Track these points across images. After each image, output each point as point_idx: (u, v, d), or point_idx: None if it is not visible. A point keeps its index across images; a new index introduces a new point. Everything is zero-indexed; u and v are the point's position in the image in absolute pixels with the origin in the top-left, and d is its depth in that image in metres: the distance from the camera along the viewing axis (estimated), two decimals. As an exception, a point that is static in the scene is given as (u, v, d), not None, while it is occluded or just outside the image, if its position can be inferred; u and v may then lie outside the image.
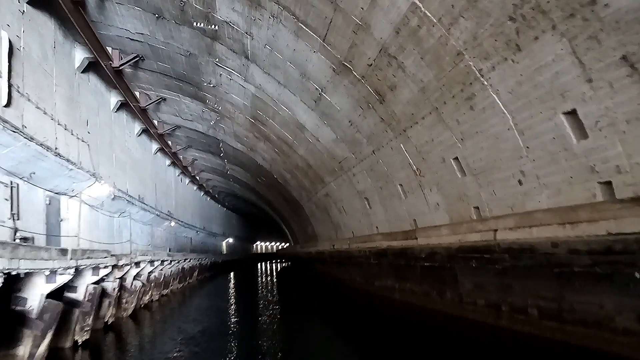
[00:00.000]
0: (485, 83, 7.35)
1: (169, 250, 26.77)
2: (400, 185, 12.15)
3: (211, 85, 17.29)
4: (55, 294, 7.87)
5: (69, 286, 9.07)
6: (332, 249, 18.31)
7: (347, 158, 14.70)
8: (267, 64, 13.34)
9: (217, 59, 14.85)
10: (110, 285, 11.40)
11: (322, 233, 25.02)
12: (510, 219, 6.61)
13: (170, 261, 20.04)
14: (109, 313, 11.56)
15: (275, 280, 32.03)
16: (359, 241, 14.64)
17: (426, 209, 11.08)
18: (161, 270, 18.84)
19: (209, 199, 43.69)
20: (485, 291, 8.86)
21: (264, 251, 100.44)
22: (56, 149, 13.35)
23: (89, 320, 9.37)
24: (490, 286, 8.70)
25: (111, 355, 9.17)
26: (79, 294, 9.17)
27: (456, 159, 9.10)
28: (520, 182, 7.52)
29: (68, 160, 12.67)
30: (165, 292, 20.71)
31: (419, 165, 10.67)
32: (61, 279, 6.97)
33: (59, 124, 13.84)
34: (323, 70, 11.48)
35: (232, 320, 12.95)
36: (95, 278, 9.42)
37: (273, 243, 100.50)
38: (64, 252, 7.03)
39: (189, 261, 26.84)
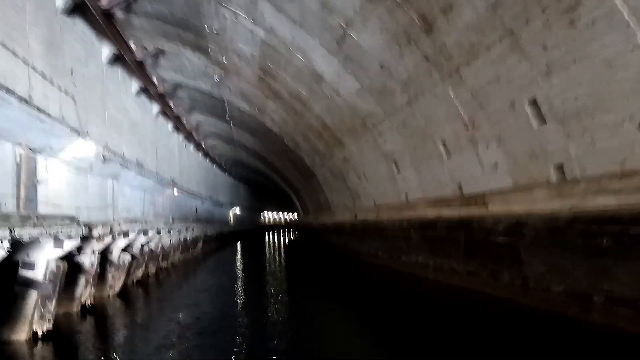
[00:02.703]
0: (603, -20, 5.07)
1: (172, 220, 25.00)
2: (443, 142, 9.94)
3: (214, 32, 14.94)
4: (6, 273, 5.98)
5: (24, 263, 7.15)
6: (353, 220, 16.16)
7: (373, 113, 12.45)
8: (280, -4, 11.00)
9: (220, -5, 12.51)
10: (88, 259, 9.40)
11: (337, 203, 22.99)
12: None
13: (169, 231, 18.06)
14: (86, 293, 9.58)
15: (284, 252, 30.20)
16: (389, 209, 12.51)
17: (478, 170, 8.92)
18: (158, 241, 16.91)
19: (215, 167, 41.87)
20: (567, 275, 6.78)
21: (271, 222, 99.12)
22: (30, 97, 11.33)
23: (51, 306, 7.39)
24: (575, 269, 6.61)
25: (75, 352, 7.18)
26: (38, 272, 7.18)
27: (533, 101, 6.86)
28: (641, 127, 5.32)
29: (39, 110, 10.56)
30: (164, 265, 18.87)
31: (472, 115, 8.45)
32: (-9, 255, 5.02)
33: (34, 70, 11.74)
34: (351, -4, 9.14)
35: (237, 302, 10.90)
36: (59, 252, 7.40)
37: (281, 213, 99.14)
38: (-15, 217, 5.03)
39: (192, 231, 24.96)
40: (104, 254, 11.40)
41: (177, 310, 10.23)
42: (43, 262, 7.22)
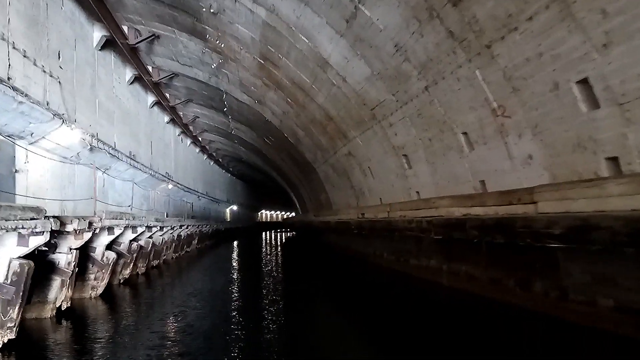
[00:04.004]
0: None
1: (166, 216, 23.93)
2: (465, 133, 8.90)
3: (212, 12, 13.85)
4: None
5: (-20, 263, 6.09)
6: (360, 218, 15.03)
7: (384, 102, 11.39)
8: (284, -32, 9.95)
9: (218, -31, 11.44)
10: (64, 258, 8.28)
11: (339, 201, 21.93)
12: None
13: (161, 227, 16.95)
14: (62, 295, 8.44)
15: (282, 252, 28.93)
16: (404, 208, 11.42)
17: (507, 164, 7.88)
18: (149, 238, 15.81)
19: (212, 163, 40.87)
20: (617, 287, 5.75)
21: (268, 220, 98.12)
22: (9, 78, 10.34)
23: (14, 312, 6.30)
24: (627, 280, 5.59)
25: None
26: (-3, 274, 6.14)
27: (584, 81, 5.82)
28: None
29: (14, 89, 9.51)
30: (155, 262, 17.73)
31: (504, 100, 7.40)
32: None
33: (14, 48, 10.74)
34: (366, -36, 8.10)
35: (229, 311, 9.53)
36: (24, 250, 6.32)
37: (279, 212, 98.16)
38: None
39: (187, 228, 23.83)
40: (86, 252, 10.32)
41: (163, 319, 9.03)
42: (4, 261, 6.14)
